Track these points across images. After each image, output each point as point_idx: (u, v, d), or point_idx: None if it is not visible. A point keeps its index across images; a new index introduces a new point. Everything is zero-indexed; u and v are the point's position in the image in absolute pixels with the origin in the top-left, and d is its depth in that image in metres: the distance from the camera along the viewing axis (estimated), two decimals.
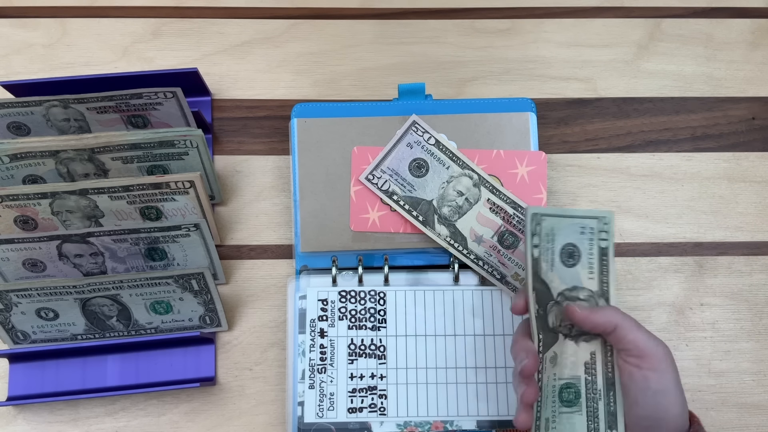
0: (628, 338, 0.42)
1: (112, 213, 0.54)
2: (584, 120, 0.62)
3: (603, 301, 0.46)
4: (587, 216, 0.46)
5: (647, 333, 0.43)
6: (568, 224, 0.46)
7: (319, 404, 0.53)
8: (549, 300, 0.45)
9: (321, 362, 0.54)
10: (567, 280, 0.46)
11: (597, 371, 0.45)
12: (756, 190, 0.61)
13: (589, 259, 0.46)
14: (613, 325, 0.43)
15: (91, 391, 0.55)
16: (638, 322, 0.43)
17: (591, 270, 0.46)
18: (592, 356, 0.45)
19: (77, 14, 0.64)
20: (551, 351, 0.45)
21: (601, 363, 0.45)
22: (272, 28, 0.64)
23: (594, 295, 0.46)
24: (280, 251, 0.59)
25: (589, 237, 0.46)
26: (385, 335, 0.54)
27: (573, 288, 0.46)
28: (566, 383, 0.45)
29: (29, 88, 0.56)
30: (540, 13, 0.65)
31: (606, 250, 0.46)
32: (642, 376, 0.42)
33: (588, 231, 0.46)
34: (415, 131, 0.56)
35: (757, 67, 0.64)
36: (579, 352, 0.45)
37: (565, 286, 0.46)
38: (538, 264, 0.45)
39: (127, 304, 0.53)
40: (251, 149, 0.61)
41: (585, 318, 0.44)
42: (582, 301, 0.45)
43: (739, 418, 0.56)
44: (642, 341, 0.42)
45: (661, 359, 0.42)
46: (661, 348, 0.43)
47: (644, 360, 0.42)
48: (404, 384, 0.54)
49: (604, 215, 0.46)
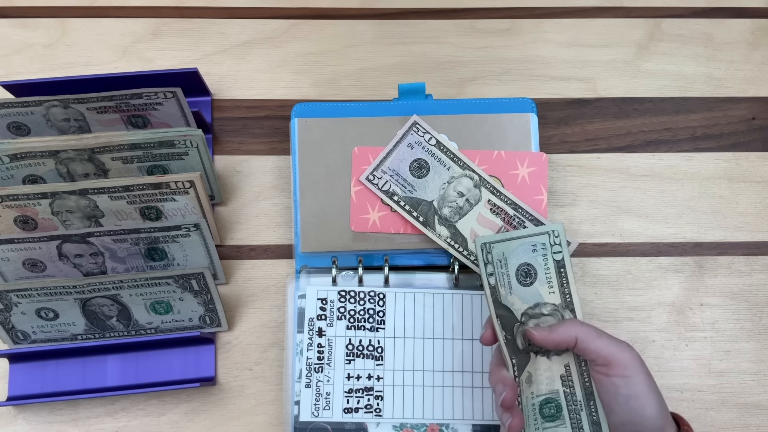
0: (590, 348, 0.43)
1: (112, 213, 0.54)
2: (584, 120, 0.62)
3: (568, 313, 0.46)
4: (535, 234, 0.47)
5: (610, 339, 0.43)
6: (518, 245, 0.47)
7: (315, 403, 0.53)
8: (514, 323, 0.46)
9: (318, 361, 0.54)
10: (528, 299, 0.46)
11: (574, 382, 0.45)
12: (756, 190, 0.61)
13: (546, 274, 0.46)
14: (573, 337, 0.43)
15: (91, 391, 0.55)
16: (599, 330, 0.44)
17: (550, 284, 0.46)
18: (566, 369, 0.45)
19: (77, 14, 0.64)
20: (525, 372, 0.45)
21: (576, 374, 0.45)
22: (272, 28, 0.64)
23: (558, 307, 0.46)
24: (280, 251, 0.59)
25: (542, 253, 0.47)
26: (384, 336, 0.54)
27: (535, 305, 0.46)
28: (545, 399, 0.45)
29: (29, 88, 0.56)
30: (540, 13, 0.65)
31: (562, 262, 0.46)
32: (611, 383, 0.42)
33: (540, 247, 0.47)
34: (415, 132, 0.56)
35: (757, 67, 0.64)
36: (553, 366, 0.45)
37: (527, 305, 0.46)
38: (496, 291, 0.46)
39: (127, 304, 0.53)
40: (251, 149, 0.61)
41: (544, 338, 0.44)
42: (546, 317, 0.46)
43: (739, 418, 0.56)
44: (604, 349, 0.42)
45: (626, 365, 0.42)
46: (626, 353, 0.43)
47: (611, 368, 0.42)
48: (401, 386, 0.54)
49: (554, 228, 0.47)
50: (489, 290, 0.46)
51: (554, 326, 0.44)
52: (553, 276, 0.46)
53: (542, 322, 0.46)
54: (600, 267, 0.59)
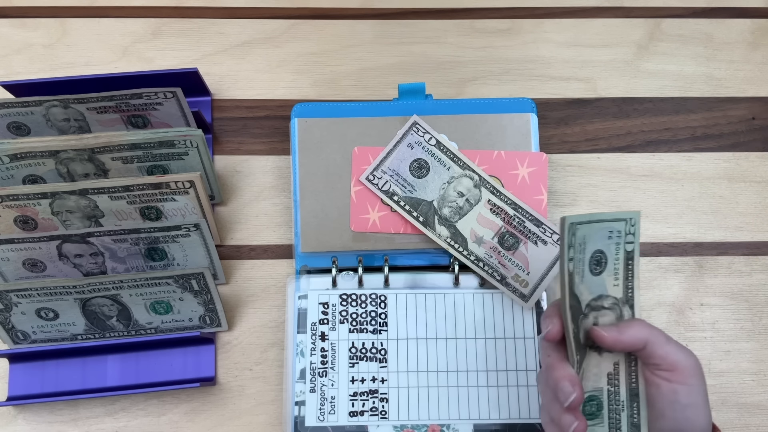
0: (659, 353, 0.41)
1: (112, 213, 0.54)
2: (584, 120, 0.62)
3: (627, 309, 0.44)
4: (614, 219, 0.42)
5: (677, 346, 0.42)
6: (598, 229, 0.42)
7: (320, 408, 0.53)
8: (579, 315, 0.43)
9: (322, 365, 0.54)
10: (593, 289, 0.43)
11: (620, 382, 0.43)
12: (756, 190, 0.61)
13: (615, 264, 0.43)
14: (644, 342, 0.41)
15: (91, 391, 0.55)
16: (667, 335, 0.42)
17: (616, 276, 0.43)
18: (615, 367, 0.43)
19: (77, 14, 0.64)
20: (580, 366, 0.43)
21: (624, 374, 0.43)
22: (272, 28, 0.64)
23: (618, 302, 0.43)
24: (280, 251, 0.59)
25: (616, 241, 0.43)
26: (386, 338, 0.54)
27: (598, 297, 0.43)
28: (589, 395, 0.43)
29: (29, 88, 0.56)
30: (540, 13, 0.65)
31: (632, 254, 0.43)
32: (671, 390, 0.41)
33: (615, 235, 0.43)
34: (415, 132, 0.56)
35: (757, 67, 0.64)
36: (602, 363, 0.43)
37: (591, 296, 0.43)
38: (572, 279, 0.42)
39: (127, 304, 0.53)
40: (251, 149, 0.61)
41: (615, 341, 0.41)
42: (606, 310, 0.43)
43: (739, 418, 0.56)
44: (672, 355, 0.41)
45: (691, 373, 0.41)
46: (692, 360, 0.41)
47: (674, 374, 0.41)
48: (405, 387, 0.53)
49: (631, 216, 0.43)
50: (567, 277, 0.41)
51: (623, 327, 0.42)
52: (621, 267, 0.43)
53: (600, 316, 0.43)
54: None
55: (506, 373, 0.54)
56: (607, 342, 0.41)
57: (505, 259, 0.55)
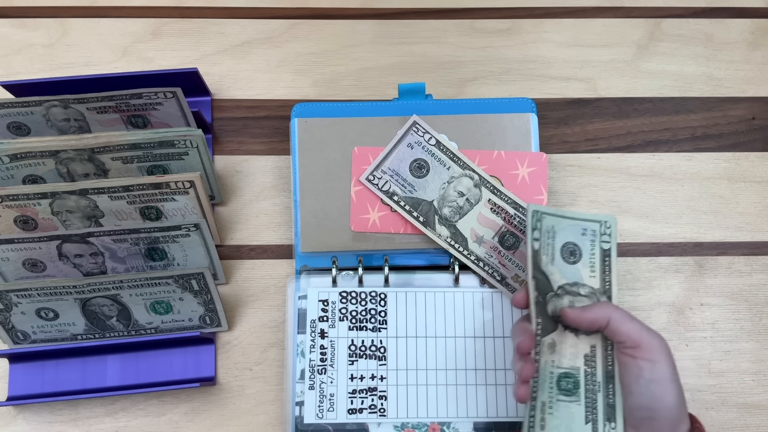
0: (621, 330, 0.44)
1: (112, 213, 0.54)
2: (584, 120, 0.62)
3: (605, 298, 0.47)
4: (588, 219, 0.48)
5: (641, 324, 0.44)
6: (569, 224, 0.48)
7: (319, 405, 0.53)
8: (549, 290, 0.47)
9: (321, 363, 0.54)
10: (568, 275, 0.47)
11: (597, 364, 0.46)
12: (756, 190, 0.61)
13: (590, 258, 0.48)
14: (606, 319, 0.44)
15: (91, 391, 0.55)
16: (631, 314, 0.45)
17: (593, 269, 0.47)
18: (592, 349, 0.46)
19: (77, 14, 0.64)
20: (550, 337, 0.46)
21: (601, 356, 0.46)
22: (272, 28, 0.64)
23: (596, 292, 0.47)
24: (280, 251, 0.59)
25: (591, 238, 0.48)
26: (386, 336, 0.54)
27: (574, 284, 0.47)
28: (565, 372, 0.46)
29: (29, 88, 0.56)
30: (540, 13, 0.65)
31: (608, 252, 0.48)
32: (636, 365, 0.43)
33: (590, 233, 0.48)
34: (415, 132, 0.56)
35: (757, 67, 0.64)
36: (579, 344, 0.46)
37: (566, 281, 0.47)
38: (537, 255, 0.47)
39: (127, 304, 0.53)
40: (251, 149, 0.61)
41: (577, 318, 0.45)
42: (583, 297, 0.47)
43: (739, 418, 0.56)
44: (635, 332, 0.43)
45: (655, 349, 0.43)
46: (656, 339, 0.44)
47: (638, 350, 0.43)
48: (404, 385, 0.54)
49: (606, 220, 0.48)
50: (531, 252, 0.46)
51: (587, 307, 0.45)
52: (597, 262, 0.48)
53: (577, 302, 0.47)
54: None
55: (505, 371, 0.54)
56: (570, 318, 0.45)
57: (506, 259, 0.55)
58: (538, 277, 0.47)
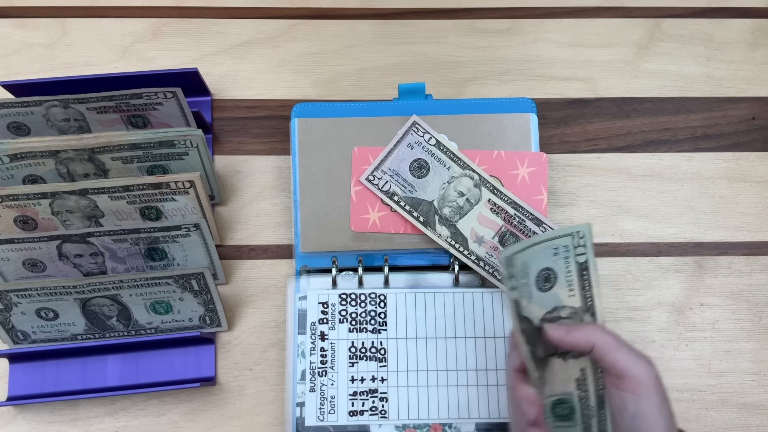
0: (607, 358, 0.41)
1: (112, 213, 0.54)
2: (584, 120, 0.62)
3: (588, 316, 0.44)
4: (556, 236, 0.44)
5: (629, 352, 0.41)
6: (539, 250, 0.44)
7: (320, 407, 0.53)
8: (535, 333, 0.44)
9: (322, 365, 0.54)
10: (546, 303, 0.44)
11: (588, 387, 0.44)
12: (756, 190, 0.61)
13: (567, 277, 0.44)
14: (590, 343, 0.41)
15: (91, 391, 0.55)
16: (620, 340, 0.42)
17: (570, 287, 0.44)
18: (582, 372, 0.44)
19: (77, 14, 0.64)
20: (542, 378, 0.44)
21: (591, 380, 0.44)
22: (272, 28, 0.64)
23: (578, 311, 0.44)
24: (280, 251, 0.59)
25: (564, 256, 0.44)
26: (386, 338, 0.54)
27: (553, 309, 0.44)
28: (559, 399, 0.44)
29: (29, 88, 0.56)
30: (540, 13, 0.65)
31: (585, 264, 0.44)
32: (620, 398, 0.41)
33: (562, 250, 0.44)
34: (415, 132, 0.56)
35: (757, 67, 0.64)
36: (568, 369, 0.44)
37: (545, 310, 0.44)
38: (519, 305, 0.43)
39: (127, 304, 0.53)
40: (251, 149, 0.61)
41: (561, 338, 0.42)
42: (565, 320, 0.44)
43: (739, 418, 0.56)
44: (621, 362, 0.40)
45: (640, 382, 0.40)
46: (642, 369, 0.40)
47: (623, 381, 0.40)
48: (405, 387, 0.53)
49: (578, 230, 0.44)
50: (513, 305, 0.43)
51: (573, 327, 0.43)
52: (575, 278, 0.44)
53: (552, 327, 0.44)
54: (600, 267, 0.59)
55: (506, 371, 0.54)
56: (552, 338, 0.42)
57: None
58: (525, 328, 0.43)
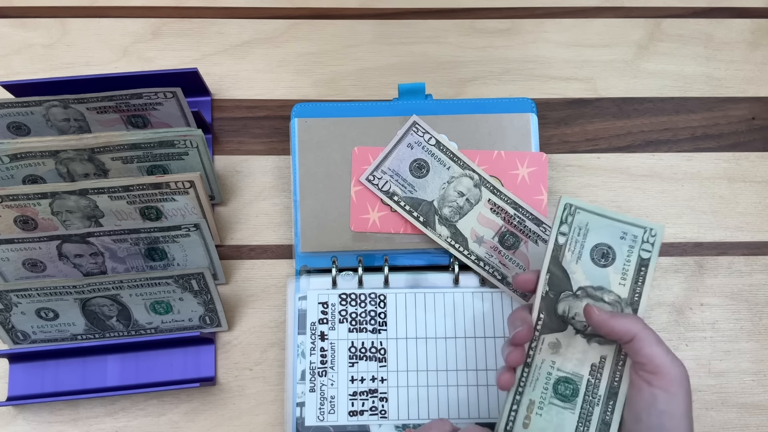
0: (644, 351, 0.41)
1: (112, 213, 0.54)
2: (584, 120, 0.62)
3: (629, 310, 0.44)
4: (631, 223, 0.44)
5: (666, 350, 0.41)
6: (607, 224, 0.45)
7: (320, 408, 0.53)
8: (566, 288, 0.44)
9: (321, 365, 0.54)
10: (594, 278, 0.44)
11: (603, 376, 0.44)
12: (756, 190, 0.61)
13: (624, 265, 0.44)
14: (632, 334, 0.41)
15: (91, 391, 0.55)
16: (659, 338, 0.42)
17: (624, 276, 0.44)
18: (601, 360, 0.44)
19: (77, 14, 0.64)
20: (553, 337, 0.44)
21: (609, 369, 0.44)
22: (272, 28, 0.64)
23: (621, 301, 0.44)
24: (280, 251, 0.59)
25: (630, 244, 0.44)
26: (386, 338, 0.54)
27: (599, 288, 0.44)
28: (565, 377, 0.44)
29: (29, 88, 0.56)
30: (540, 13, 0.65)
31: (647, 261, 0.44)
32: (650, 393, 0.40)
33: (630, 238, 0.44)
34: (415, 132, 0.56)
35: (757, 67, 0.64)
36: (589, 352, 0.44)
37: (590, 283, 0.44)
38: (560, 250, 0.44)
39: (127, 304, 0.53)
40: (251, 149, 0.61)
41: (603, 321, 0.42)
42: (605, 304, 0.44)
43: (739, 418, 0.56)
44: (659, 357, 0.40)
45: (674, 380, 0.40)
46: (678, 369, 0.41)
47: (657, 377, 0.40)
48: (405, 387, 0.53)
49: (652, 227, 0.44)
50: (553, 245, 0.44)
51: (616, 314, 0.42)
52: (631, 270, 0.44)
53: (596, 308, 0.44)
54: None
55: None
56: (593, 319, 0.42)
57: (506, 259, 0.55)
58: (554, 272, 0.44)
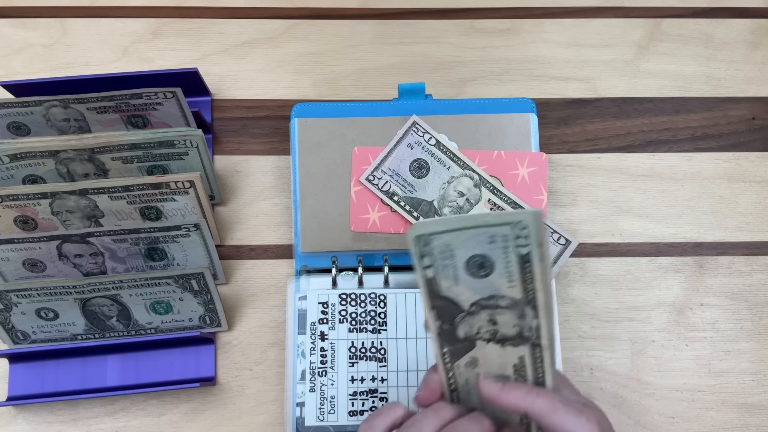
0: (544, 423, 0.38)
1: (112, 213, 0.54)
2: (584, 120, 0.62)
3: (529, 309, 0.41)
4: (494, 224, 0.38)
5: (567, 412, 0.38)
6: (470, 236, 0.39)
7: (320, 407, 0.53)
8: (458, 312, 0.41)
9: (321, 365, 0.54)
10: (482, 290, 0.41)
11: (527, 373, 0.42)
12: (756, 190, 0.61)
13: (506, 267, 0.40)
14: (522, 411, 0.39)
15: (91, 391, 0.55)
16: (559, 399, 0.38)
17: (510, 279, 0.40)
18: (521, 360, 0.42)
19: (77, 14, 0.64)
20: (467, 357, 0.42)
21: (531, 366, 0.42)
22: (272, 28, 0.64)
23: (518, 302, 0.41)
24: (280, 251, 0.59)
25: (502, 245, 0.39)
26: (386, 338, 0.54)
27: (491, 297, 0.41)
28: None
29: (29, 88, 0.56)
30: (540, 13, 0.65)
31: (528, 256, 0.39)
32: None
33: (500, 239, 0.39)
34: (415, 132, 0.56)
35: (757, 67, 0.64)
36: (506, 356, 0.42)
37: (480, 296, 0.41)
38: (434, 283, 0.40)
39: (127, 304, 0.53)
40: (251, 149, 0.61)
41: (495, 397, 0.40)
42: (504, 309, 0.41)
43: (739, 418, 0.56)
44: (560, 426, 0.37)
45: None
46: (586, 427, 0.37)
47: None
48: (405, 387, 0.53)
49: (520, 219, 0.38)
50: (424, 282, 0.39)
51: (508, 387, 0.40)
52: (515, 270, 0.39)
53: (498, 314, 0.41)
54: (600, 267, 0.59)
55: None
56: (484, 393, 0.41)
57: None
58: (438, 305, 0.41)
